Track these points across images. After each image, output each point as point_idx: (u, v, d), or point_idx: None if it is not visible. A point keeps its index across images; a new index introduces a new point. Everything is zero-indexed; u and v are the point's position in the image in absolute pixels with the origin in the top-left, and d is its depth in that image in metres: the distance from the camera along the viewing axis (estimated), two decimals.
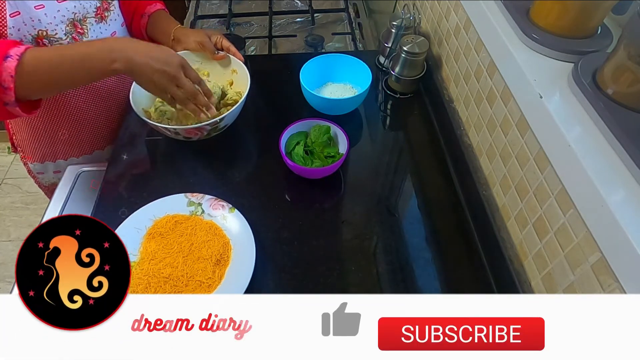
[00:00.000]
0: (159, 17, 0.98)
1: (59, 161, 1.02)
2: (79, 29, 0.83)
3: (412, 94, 1.04)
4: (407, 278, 0.73)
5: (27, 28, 0.75)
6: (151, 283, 0.69)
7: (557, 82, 0.60)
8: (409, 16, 1.03)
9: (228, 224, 0.76)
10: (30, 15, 0.74)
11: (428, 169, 0.91)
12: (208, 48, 0.93)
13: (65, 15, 0.79)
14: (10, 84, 0.68)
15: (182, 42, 0.95)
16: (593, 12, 0.62)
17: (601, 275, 0.51)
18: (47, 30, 0.77)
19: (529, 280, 0.67)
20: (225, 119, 0.84)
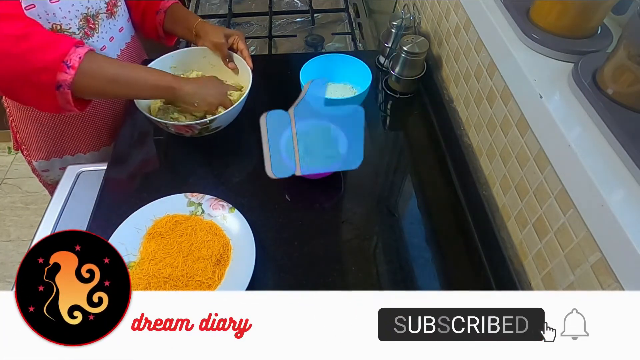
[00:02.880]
0: (177, 10, 0.99)
1: (66, 157, 1.02)
2: (91, 24, 0.84)
3: (412, 94, 1.04)
4: (407, 278, 0.73)
5: (41, 21, 0.76)
6: (151, 283, 0.69)
7: (557, 82, 0.60)
8: (409, 16, 1.03)
9: (228, 224, 0.76)
10: (45, 8, 0.76)
11: (428, 169, 0.91)
12: (222, 52, 0.95)
13: (79, 10, 0.81)
14: (76, 63, 0.71)
15: (201, 39, 0.96)
16: (593, 12, 0.62)
17: (601, 275, 0.51)
18: (61, 24, 0.79)
19: (529, 280, 0.67)
20: (217, 121, 0.85)
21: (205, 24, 0.96)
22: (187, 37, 0.99)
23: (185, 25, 0.97)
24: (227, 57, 0.96)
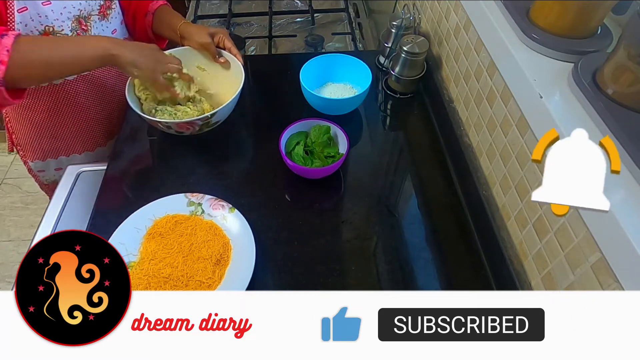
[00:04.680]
0: (163, 12, 0.98)
1: (60, 158, 1.02)
2: (83, 25, 0.84)
3: (412, 94, 1.04)
4: (407, 278, 0.73)
5: (34, 24, 0.76)
6: (151, 283, 0.69)
7: (557, 82, 0.60)
8: (409, 16, 1.03)
9: (228, 224, 0.76)
10: (37, 11, 0.76)
11: (428, 169, 0.91)
12: (210, 51, 0.94)
13: (71, 12, 0.81)
14: (5, 58, 0.68)
15: (186, 40, 0.95)
16: (593, 12, 0.62)
17: (601, 275, 0.51)
18: (53, 26, 0.79)
19: (529, 280, 0.67)
20: (217, 115, 0.84)
21: (189, 25, 0.96)
22: (173, 39, 0.98)
23: (171, 27, 0.96)
24: (217, 54, 0.95)
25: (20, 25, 0.75)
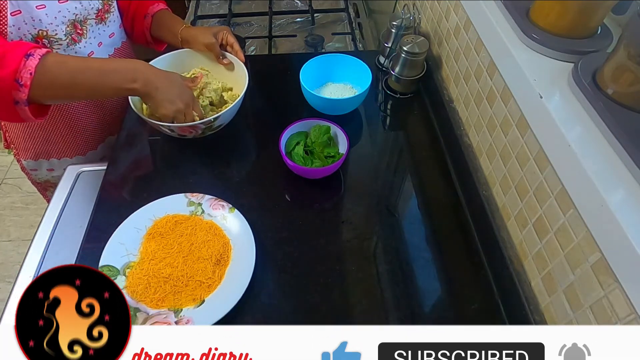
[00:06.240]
0: (163, 16, 0.98)
1: (52, 160, 1.02)
2: (79, 29, 0.83)
3: (412, 94, 1.04)
4: (407, 278, 0.73)
5: (27, 27, 0.75)
6: (151, 283, 0.69)
7: (557, 82, 0.60)
8: (409, 16, 1.03)
9: (228, 224, 0.76)
10: (31, 14, 0.74)
11: (428, 169, 0.91)
12: (214, 52, 0.94)
13: (66, 16, 0.80)
14: (28, 81, 0.68)
15: (189, 44, 0.96)
16: (593, 12, 0.62)
17: (601, 275, 0.51)
18: (47, 30, 0.78)
19: (529, 280, 0.67)
20: (220, 119, 0.84)
21: (191, 29, 0.96)
22: (173, 43, 0.98)
23: (171, 31, 0.96)
24: (221, 55, 0.95)
25: (13, 29, 0.73)
